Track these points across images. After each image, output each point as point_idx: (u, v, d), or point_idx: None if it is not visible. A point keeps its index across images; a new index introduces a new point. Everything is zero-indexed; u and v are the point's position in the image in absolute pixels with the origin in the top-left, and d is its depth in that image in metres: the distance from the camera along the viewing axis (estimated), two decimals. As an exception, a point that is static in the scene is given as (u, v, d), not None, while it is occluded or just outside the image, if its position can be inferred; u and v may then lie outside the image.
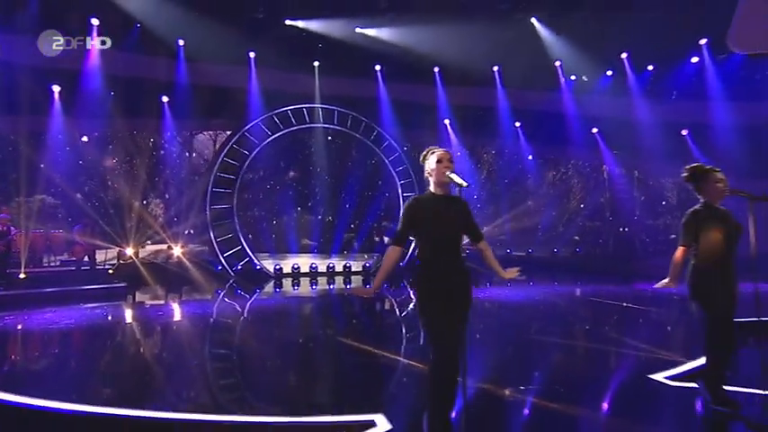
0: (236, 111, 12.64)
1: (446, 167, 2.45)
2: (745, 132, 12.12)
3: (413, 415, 2.44)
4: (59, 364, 4.70)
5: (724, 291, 2.90)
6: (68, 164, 10.77)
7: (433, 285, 2.38)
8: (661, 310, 7.24)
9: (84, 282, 8.31)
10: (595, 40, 12.78)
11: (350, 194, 12.91)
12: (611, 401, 3.42)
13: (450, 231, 2.42)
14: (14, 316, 6.70)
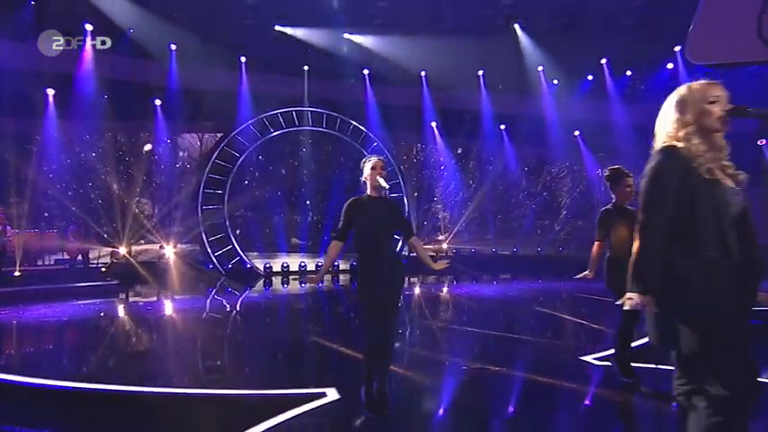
0: (226, 114, 13.00)
1: (378, 174, 2.85)
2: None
3: (358, 389, 2.86)
4: (52, 352, 5.06)
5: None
6: (62, 165, 11.10)
7: (367, 277, 2.78)
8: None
9: (77, 279, 8.66)
10: (576, 46, 13.27)
11: (337, 195, 13.28)
12: (544, 376, 3.83)
13: (383, 229, 2.82)
14: (10, 311, 7.05)
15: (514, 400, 3.33)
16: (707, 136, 1.75)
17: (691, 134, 1.75)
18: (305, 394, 3.17)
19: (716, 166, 1.72)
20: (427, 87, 14.57)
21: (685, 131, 1.75)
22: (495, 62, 14.14)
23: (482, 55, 13.93)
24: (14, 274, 8.28)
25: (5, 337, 5.73)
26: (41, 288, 8.14)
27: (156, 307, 8.08)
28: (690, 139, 1.73)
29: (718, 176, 1.70)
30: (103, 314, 7.41)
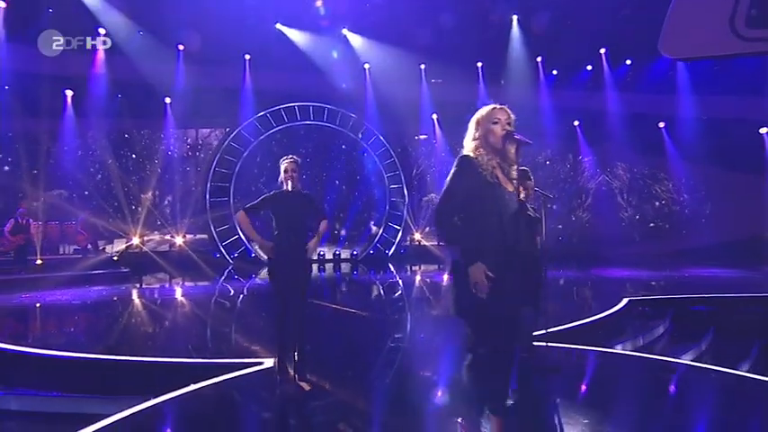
0: (232, 110, 13.65)
1: (289, 176, 3.43)
2: (714, 125, 12.59)
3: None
4: (67, 329, 5.79)
5: (527, 271, 3.74)
6: (80, 161, 11.98)
7: (279, 260, 3.33)
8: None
9: (92, 267, 9.51)
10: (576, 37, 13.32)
11: (337, 187, 13.87)
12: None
13: (296, 218, 3.37)
14: (33, 295, 7.90)
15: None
16: (494, 149, 2.19)
17: (479, 147, 2.19)
18: (249, 363, 3.75)
19: (498, 173, 2.17)
20: (426, 80, 14.89)
21: (476, 145, 2.21)
22: (496, 53, 14.35)
23: (482, 46, 14.18)
24: (37, 263, 9.18)
25: (30, 318, 6.52)
26: (60, 275, 9.01)
27: (163, 292, 8.84)
28: (479, 151, 2.18)
29: (500, 182, 2.15)
30: (116, 298, 8.20)
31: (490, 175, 2.14)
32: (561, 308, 6.81)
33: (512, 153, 2.24)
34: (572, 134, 15.00)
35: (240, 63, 13.80)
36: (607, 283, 9.39)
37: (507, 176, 2.22)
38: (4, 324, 5.95)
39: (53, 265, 9.43)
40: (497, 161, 2.21)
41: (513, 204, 2.17)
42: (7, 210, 10.15)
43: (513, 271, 2.09)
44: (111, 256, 10.31)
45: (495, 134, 2.19)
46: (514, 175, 2.25)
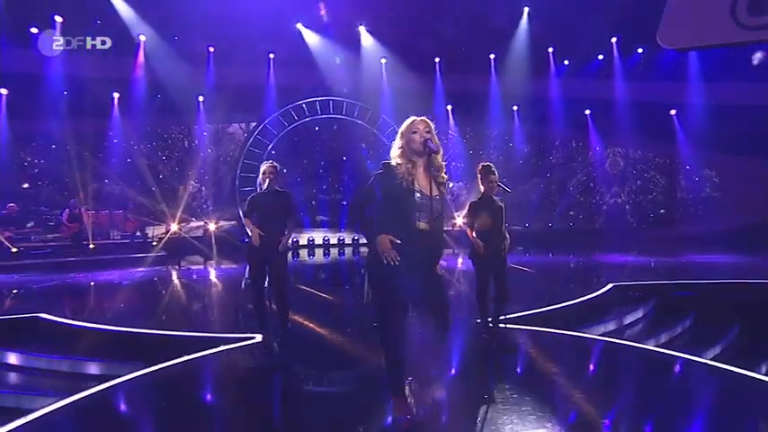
0: (257, 106, 14.20)
1: (267, 177, 3.84)
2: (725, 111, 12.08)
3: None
4: (115, 305, 6.52)
5: (490, 255, 4.02)
6: (126, 156, 12.89)
7: (256, 247, 3.84)
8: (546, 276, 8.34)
9: (136, 251, 10.39)
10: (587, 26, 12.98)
11: (354, 176, 14.28)
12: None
13: (271, 213, 3.84)
14: (86, 275, 8.78)
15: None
16: (417, 155, 2.47)
17: (402, 155, 2.48)
18: (240, 337, 4.24)
19: (416, 178, 2.45)
20: (440, 73, 14.91)
21: (399, 153, 2.50)
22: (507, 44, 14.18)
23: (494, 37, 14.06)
24: (90, 247, 10.13)
25: (84, 295, 7.32)
26: (109, 257, 9.91)
27: (197, 274, 9.57)
28: (399, 159, 2.48)
29: (415, 187, 2.44)
30: (156, 278, 8.99)
31: (405, 182, 2.42)
32: (549, 291, 7.04)
33: (437, 159, 2.51)
34: (583, 123, 14.73)
35: (265, 61, 14.24)
36: (602, 267, 9.45)
37: (434, 180, 2.48)
38: (64, 299, 6.74)
39: (104, 249, 10.37)
40: (423, 166, 2.48)
41: (429, 205, 2.41)
42: (63, 201, 11.16)
43: (416, 269, 2.39)
44: (152, 241, 11.17)
45: (416, 142, 2.46)
46: (443, 178, 2.52)
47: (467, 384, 3.35)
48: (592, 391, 3.30)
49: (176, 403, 3.11)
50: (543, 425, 2.60)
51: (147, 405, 3.14)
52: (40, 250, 9.88)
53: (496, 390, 3.19)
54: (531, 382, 3.45)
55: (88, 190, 11.85)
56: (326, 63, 13.97)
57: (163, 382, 3.36)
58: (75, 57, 11.81)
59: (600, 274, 8.54)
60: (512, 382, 3.37)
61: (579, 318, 5.56)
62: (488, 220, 3.97)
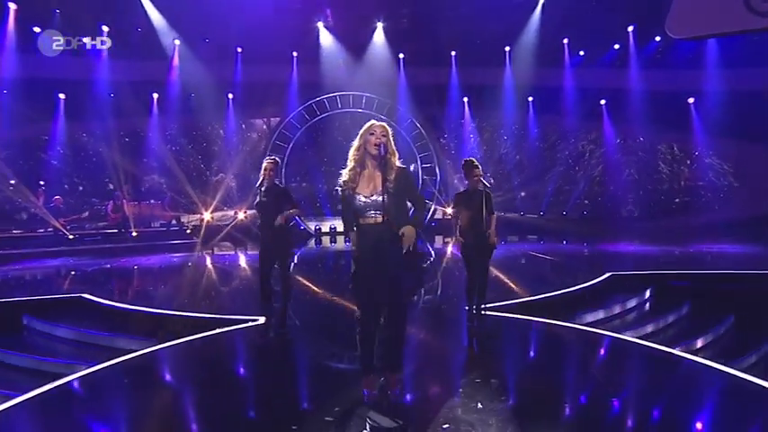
0: (281, 101, 14.59)
1: (268, 174, 4.06)
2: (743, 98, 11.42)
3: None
4: (150, 288, 7.09)
5: (474, 244, 4.16)
6: (164, 151, 13.60)
7: (261, 239, 4.16)
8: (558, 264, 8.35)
9: (172, 238, 11.08)
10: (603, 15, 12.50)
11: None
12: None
13: (271, 207, 4.09)
14: (130, 260, 9.49)
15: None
16: (367, 158, 2.66)
17: (356, 156, 2.69)
18: (246, 320, 4.57)
19: (354, 186, 2.65)
20: (456, 66, 14.77)
21: (354, 153, 2.70)
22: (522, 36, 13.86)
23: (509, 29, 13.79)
24: (132, 234, 10.88)
25: (124, 278, 7.95)
26: (150, 244, 10.63)
27: (227, 259, 10.13)
28: (351, 162, 2.69)
29: (355, 193, 2.64)
30: (190, 263, 9.59)
31: (349, 190, 2.67)
32: (549, 279, 7.08)
33: (392, 161, 2.68)
34: (598, 113, 14.27)
35: (289, 59, 14.54)
36: (608, 256, 9.32)
37: (386, 179, 2.64)
38: (106, 281, 7.36)
39: (145, 236, 11.11)
40: (376, 167, 2.67)
41: (373, 204, 2.61)
42: (109, 194, 11.98)
43: (370, 265, 2.62)
44: (187, 229, 11.84)
45: (370, 143, 2.64)
46: (392, 179, 2.66)
47: (441, 368, 3.55)
48: (555, 378, 3.44)
49: (185, 373, 3.49)
50: (498, 406, 2.78)
51: (163, 373, 3.53)
52: (91, 237, 10.70)
53: (465, 374, 3.37)
54: (500, 368, 3.61)
55: (131, 183, 12.67)
56: (344, 60, 14.13)
57: (177, 355, 3.76)
58: (119, 62, 12.51)
59: (603, 262, 8.44)
60: (482, 367, 3.54)
61: (573, 306, 5.58)
62: (473, 211, 4.11)
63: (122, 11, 12.05)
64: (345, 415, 2.55)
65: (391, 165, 2.67)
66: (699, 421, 2.76)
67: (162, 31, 12.65)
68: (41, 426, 2.76)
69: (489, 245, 4.25)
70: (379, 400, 2.52)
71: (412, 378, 3.13)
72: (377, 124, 2.72)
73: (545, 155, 15.13)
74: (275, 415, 2.71)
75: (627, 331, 4.99)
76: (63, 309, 5.21)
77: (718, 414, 2.85)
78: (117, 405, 3.01)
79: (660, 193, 13.85)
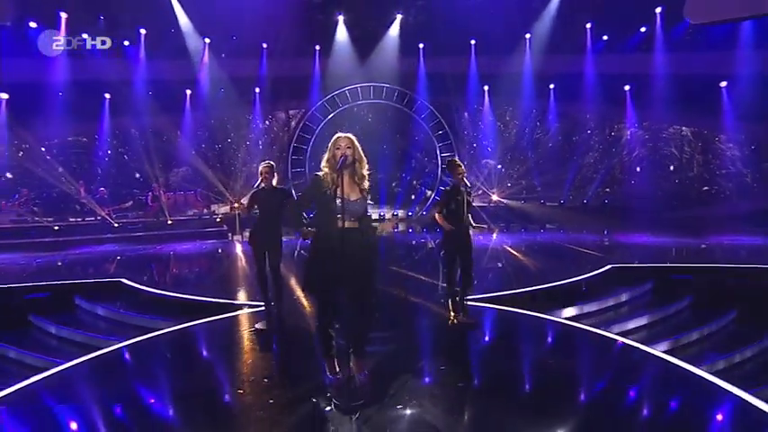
0: (305, 94, 15.02)
1: (264, 177, 4.41)
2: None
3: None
4: (184, 273, 7.82)
5: (459, 241, 4.41)
6: (196, 144, 14.45)
7: (258, 237, 4.51)
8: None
9: (203, 226, 11.92)
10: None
11: (392, 156, 14.78)
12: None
13: (269, 208, 4.43)
14: (165, 246, 10.35)
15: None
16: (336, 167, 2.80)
17: (328, 166, 2.89)
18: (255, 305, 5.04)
19: (340, 187, 2.73)
20: (475, 55, 14.61)
21: (326, 164, 2.91)
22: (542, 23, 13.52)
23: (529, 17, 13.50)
24: (168, 223, 11.79)
25: (158, 263, 8.76)
26: (184, 231, 11.50)
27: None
28: (325, 170, 2.89)
29: (337, 194, 2.75)
30: (220, 250, 10.35)
31: (329, 190, 2.84)
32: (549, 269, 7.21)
33: (360, 170, 2.94)
34: (621, 99, 13.77)
35: (311, 53, 14.87)
36: (619, 247, 9.25)
37: (357, 186, 2.92)
38: (143, 267, 8.15)
39: (180, 224, 12.00)
40: (350, 175, 2.90)
41: (349, 209, 2.82)
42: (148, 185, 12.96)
43: (336, 257, 2.77)
44: (217, 218, 12.65)
45: (336, 156, 2.87)
46: (365, 186, 2.95)
47: (408, 355, 3.89)
48: (514, 365, 3.71)
49: (195, 349, 4.05)
50: (453, 389, 3.12)
51: (179, 349, 4.11)
52: (133, 225, 11.69)
53: (431, 360, 3.72)
54: (465, 356, 3.91)
55: (167, 174, 13.62)
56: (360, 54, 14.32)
57: (190, 335, 4.33)
58: (155, 62, 13.33)
59: (611, 253, 8.42)
60: (449, 354, 3.86)
61: (566, 297, 5.69)
62: (456, 206, 4.36)
63: (156, 14, 12.76)
64: (313, 394, 2.95)
65: (360, 173, 2.94)
66: (635, 402, 2.98)
67: (192, 32, 13.31)
68: (85, 387, 3.36)
69: (469, 244, 4.49)
70: (344, 383, 2.88)
71: (379, 363, 3.48)
72: (342, 137, 2.94)
73: (565, 143, 14.83)
74: (254, 389, 3.16)
75: (613, 324, 5.14)
76: (105, 291, 5.94)
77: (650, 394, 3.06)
78: (142, 371, 3.59)
79: (686, 181, 13.32)
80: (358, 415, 2.67)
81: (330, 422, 2.63)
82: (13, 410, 2.91)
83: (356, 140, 2.97)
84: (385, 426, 2.61)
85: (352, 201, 2.89)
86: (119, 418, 2.85)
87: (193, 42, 13.54)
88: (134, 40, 13.22)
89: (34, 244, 9.75)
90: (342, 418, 2.65)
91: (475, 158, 15.61)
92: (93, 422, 2.81)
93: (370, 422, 2.62)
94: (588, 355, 3.94)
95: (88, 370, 3.53)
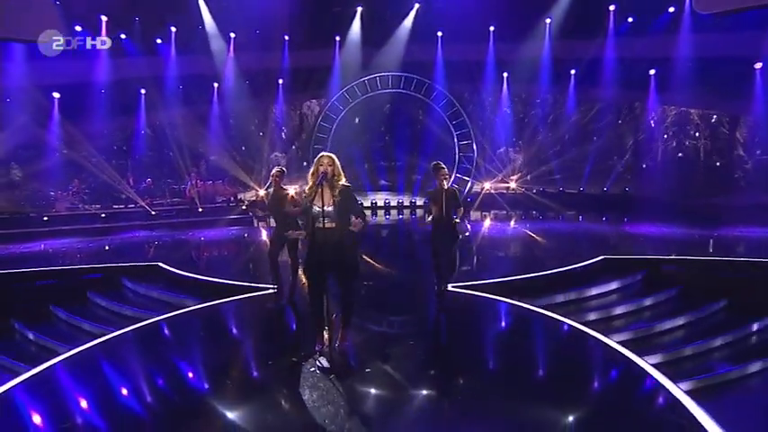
0: (325, 83, 15.79)
1: (274, 180, 5.24)
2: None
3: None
4: (216, 257, 8.92)
5: (442, 236, 5.10)
6: (223, 134, 15.63)
7: (275, 230, 5.34)
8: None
9: (231, 213, 13.13)
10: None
11: (408, 144, 15.39)
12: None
13: (277, 207, 5.26)
14: (197, 232, 11.57)
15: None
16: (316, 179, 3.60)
17: (311, 180, 3.67)
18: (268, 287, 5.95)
19: (319, 197, 3.54)
20: (494, 42, 14.79)
21: (310, 177, 3.69)
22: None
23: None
24: (199, 210, 13.07)
25: (190, 248, 9.93)
26: (213, 218, 12.73)
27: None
28: (309, 184, 3.68)
29: (316, 203, 3.57)
30: (246, 235, 11.46)
31: (308, 201, 3.66)
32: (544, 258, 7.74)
33: (337, 183, 3.67)
34: (645, 83, 13.63)
35: (331, 44, 15.52)
36: (625, 237, 9.57)
37: (332, 195, 3.65)
38: (179, 251, 9.32)
39: (210, 211, 13.26)
40: (324, 187, 3.62)
41: (324, 214, 3.61)
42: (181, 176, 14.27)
43: (320, 252, 3.67)
44: (243, 205, 13.80)
45: (318, 172, 3.64)
46: (337, 196, 3.65)
47: (387, 331, 4.68)
48: (476, 344, 4.43)
49: (218, 324, 5.03)
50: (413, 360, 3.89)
51: (202, 325, 5.09)
52: (167, 213, 13.03)
53: (403, 335, 4.49)
54: (436, 335, 4.66)
55: (198, 165, 14.89)
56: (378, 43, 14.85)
57: (214, 313, 5.32)
58: (184, 58, 14.46)
59: (610, 243, 8.80)
60: (423, 333, 4.62)
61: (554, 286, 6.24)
62: (440, 206, 5.04)
63: (185, 13, 13.81)
64: (305, 358, 3.83)
65: (336, 185, 3.70)
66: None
67: (217, 28, 14.29)
68: (133, 350, 4.40)
69: (453, 234, 5.17)
70: (329, 350, 3.73)
71: (359, 335, 4.30)
72: (324, 155, 3.72)
73: (585, 129, 14.88)
74: (259, 354, 4.07)
75: (592, 312, 5.70)
76: (145, 273, 7.07)
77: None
78: (175, 340, 4.60)
79: (712, 168, 13.16)
80: (335, 375, 3.51)
81: (312, 389, 3.44)
82: (80, 365, 3.95)
83: (336, 159, 3.73)
84: (356, 385, 3.43)
85: (327, 208, 3.65)
86: (161, 373, 3.83)
87: (219, 38, 14.53)
88: (165, 38, 14.35)
89: (85, 230, 11.18)
90: (322, 381, 3.49)
91: (492, 146, 15.95)
92: (142, 374, 3.81)
93: (345, 381, 3.45)
94: (538, 338, 4.59)
95: (134, 337, 4.55)
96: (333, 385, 3.38)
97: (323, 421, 2.94)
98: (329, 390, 3.33)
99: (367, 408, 3.19)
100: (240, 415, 3.15)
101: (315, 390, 3.35)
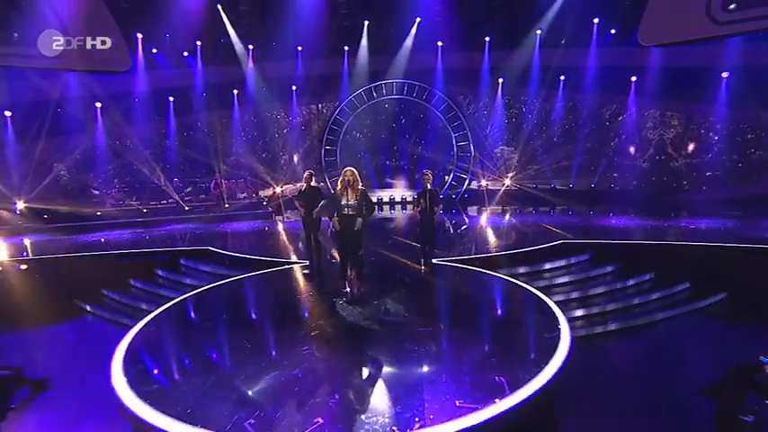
0: (335, 89, 18.07)
1: (306, 181, 7.55)
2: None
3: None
4: (241, 245, 11.26)
5: (425, 225, 7.39)
6: (244, 137, 18.01)
7: (304, 221, 7.67)
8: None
9: (253, 208, 15.51)
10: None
11: (409, 145, 17.61)
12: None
13: (309, 202, 7.56)
14: (224, 225, 13.94)
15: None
16: (345, 186, 5.99)
17: (340, 185, 6.04)
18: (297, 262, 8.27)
19: (345, 195, 5.97)
20: (489, 51, 16.93)
21: (339, 184, 6.05)
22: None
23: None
24: (225, 206, 15.49)
25: (222, 239, 12.29)
26: (238, 213, 15.13)
27: (293, 224, 14.20)
28: (339, 186, 6.05)
29: (344, 198, 5.99)
30: (267, 228, 13.82)
31: (339, 197, 6.02)
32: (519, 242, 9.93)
33: (356, 187, 6.01)
34: (627, 90, 15.69)
35: (341, 53, 17.77)
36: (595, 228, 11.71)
37: (354, 194, 5.99)
38: (219, 239, 11.68)
39: (235, 207, 15.67)
40: (349, 189, 6.01)
41: (349, 206, 5.99)
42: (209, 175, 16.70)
43: (344, 233, 6.07)
44: (262, 201, 16.20)
45: (342, 182, 6.02)
46: (357, 195, 6.02)
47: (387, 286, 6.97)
48: (447, 296, 6.69)
49: (277, 283, 7.38)
50: (398, 305, 6.18)
51: (246, 292, 7.42)
52: (198, 208, 15.47)
53: (394, 288, 6.78)
54: (422, 290, 6.93)
55: (222, 165, 17.32)
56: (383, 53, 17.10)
57: (255, 282, 7.65)
58: (208, 68, 16.86)
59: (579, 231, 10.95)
60: (408, 289, 6.89)
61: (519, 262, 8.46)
62: (426, 205, 7.33)
63: (209, 28, 16.17)
64: (336, 298, 6.19)
65: (356, 188, 6.05)
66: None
67: (237, 40, 16.65)
68: (200, 308, 6.74)
69: (433, 224, 7.46)
70: (350, 292, 6.13)
71: (369, 286, 6.62)
72: (348, 170, 6.04)
73: (573, 131, 16.98)
74: (307, 297, 6.40)
75: (543, 281, 7.92)
76: (200, 255, 9.44)
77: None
78: (227, 301, 6.96)
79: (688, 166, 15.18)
80: (356, 307, 5.85)
81: (342, 309, 5.81)
82: (166, 318, 6.31)
83: (356, 171, 6.05)
84: (370, 313, 5.75)
85: (351, 203, 6.01)
86: (220, 324, 6.19)
87: (239, 49, 16.89)
88: (192, 51, 16.76)
89: (131, 223, 13.66)
90: (348, 307, 5.85)
91: (488, 146, 18.11)
92: (211, 322, 6.19)
93: (363, 310, 5.78)
94: (495, 292, 6.85)
95: (196, 300, 6.87)
96: (354, 309, 5.76)
97: (351, 321, 5.42)
98: (352, 312, 5.72)
99: (374, 321, 5.51)
100: (314, 318, 5.62)
101: (344, 310, 5.78)
